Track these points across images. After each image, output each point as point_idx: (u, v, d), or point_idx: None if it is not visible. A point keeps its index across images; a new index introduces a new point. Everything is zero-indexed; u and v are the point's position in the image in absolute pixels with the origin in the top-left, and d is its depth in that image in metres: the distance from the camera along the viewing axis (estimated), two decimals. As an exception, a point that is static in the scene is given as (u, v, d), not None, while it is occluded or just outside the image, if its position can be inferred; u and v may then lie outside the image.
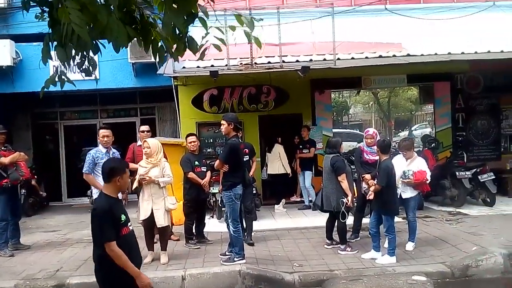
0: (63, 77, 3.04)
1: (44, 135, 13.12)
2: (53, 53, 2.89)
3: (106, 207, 3.53)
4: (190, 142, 7.35)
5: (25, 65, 10.29)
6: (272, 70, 8.71)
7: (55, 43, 2.78)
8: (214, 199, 9.03)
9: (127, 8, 2.75)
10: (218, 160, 6.34)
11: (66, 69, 3.02)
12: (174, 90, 10.34)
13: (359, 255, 6.65)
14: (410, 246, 6.82)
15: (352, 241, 7.29)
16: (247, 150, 7.60)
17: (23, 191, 10.32)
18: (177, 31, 2.86)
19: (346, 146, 15.24)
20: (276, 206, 9.94)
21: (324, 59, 9.36)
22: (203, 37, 3.20)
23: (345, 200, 6.63)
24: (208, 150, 10.75)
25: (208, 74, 8.46)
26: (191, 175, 7.10)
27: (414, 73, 11.01)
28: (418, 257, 6.48)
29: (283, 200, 10.08)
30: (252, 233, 7.54)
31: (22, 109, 12.18)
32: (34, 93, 10.90)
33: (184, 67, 9.00)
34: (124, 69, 10.64)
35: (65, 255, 6.98)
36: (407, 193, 6.77)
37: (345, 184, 6.66)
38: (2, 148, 7.20)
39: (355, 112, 38.30)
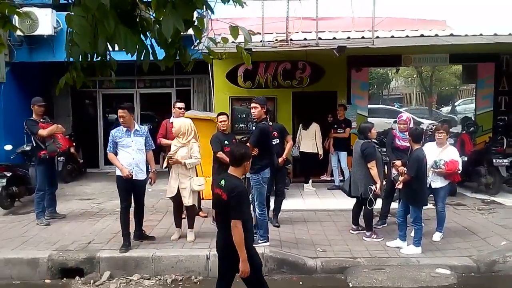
0: (78, 75, 3.04)
1: (83, 103, 13.47)
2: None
3: (245, 188, 4.03)
4: (221, 122, 7.30)
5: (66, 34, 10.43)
6: (307, 48, 8.53)
7: None
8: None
9: (122, 8, 2.70)
10: (248, 144, 6.38)
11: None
12: (209, 63, 10.32)
13: (384, 242, 6.63)
14: (437, 236, 6.74)
15: (379, 227, 7.27)
16: (275, 133, 7.53)
17: (61, 158, 10.74)
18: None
19: (383, 123, 15.06)
20: (305, 185, 9.93)
21: (363, 37, 9.10)
22: (194, 46, 3.16)
23: (373, 187, 6.56)
24: (241, 125, 10.77)
25: (242, 51, 8.34)
26: (220, 154, 7.11)
27: (457, 52, 10.50)
28: (444, 249, 6.40)
29: (310, 181, 10.05)
30: (279, 214, 7.62)
31: (62, 77, 12.48)
32: (73, 62, 11.13)
33: (219, 42, 8.92)
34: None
35: (98, 227, 7.27)
36: (437, 182, 6.62)
37: (374, 171, 6.57)
38: (41, 120, 7.41)
39: (396, 85, 37.30)
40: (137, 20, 2.90)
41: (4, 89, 10.39)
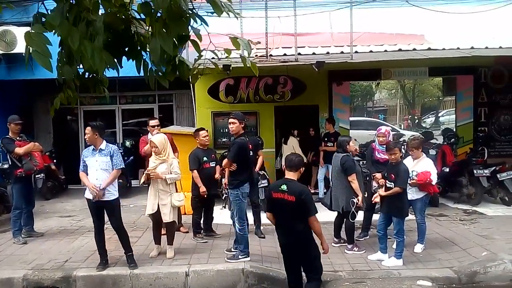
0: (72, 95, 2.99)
1: (64, 119, 13.29)
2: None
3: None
4: (205, 137, 7.29)
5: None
6: (287, 63, 8.59)
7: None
8: (226, 190, 9.03)
9: (116, 27, 2.68)
10: (226, 159, 6.37)
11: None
12: (190, 79, 10.32)
13: (366, 255, 6.60)
14: (418, 248, 6.73)
15: (361, 239, 7.26)
16: (251, 145, 7.50)
17: (41, 175, 10.59)
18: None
19: (366, 135, 15.10)
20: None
21: (342, 52, 9.20)
22: (195, 60, 3.15)
23: (355, 200, 6.54)
24: (223, 139, 10.74)
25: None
26: (194, 173, 7.10)
27: (436, 65, 10.72)
28: (425, 260, 6.38)
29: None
30: (262, 227, 7.60)
31: (42, 94, 12.41)
32: (53, 79, 11.05)
33: (224, 54, 8.95)
34: (142, 57, 10.61)
35: (76, 245, 7.12)
36: (413, 194, 6.62)
37: (355, 184, 6.56)
38: (18, 138, 7.30)
39: (380, 98, 37.68)
40: (135, 38, 2.86)
41: (-19, 107, 10.25)
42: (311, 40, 10.23)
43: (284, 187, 4.56)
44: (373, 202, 6.66)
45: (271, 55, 8.85)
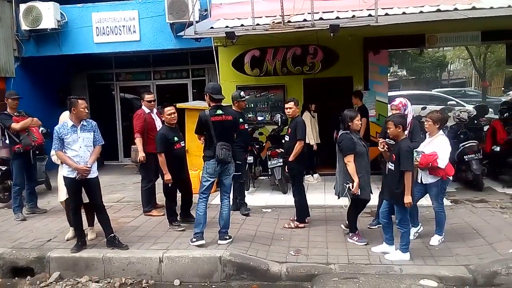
0: None
1: (100, 96, 13.23)
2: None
3: None
4: (169, 115, 6.45)
5: (71, 27, 10.36)
6: (302, 29, 7.75)
7: None
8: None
9: None
10: None
11: None
12: (214, 51, 9.81)
13: (371, 246, 5.81)
14: (435, 240, 5.82)
15: (373, 227, 6.48)
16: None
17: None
18: None
19: (419, 110, 13.64)
20: (306, 176, 8.96)
21: (370, 15, 8.14)
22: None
23: (349, 185, 5.72)
24: (249, 115, 10.12)
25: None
26: (161, 158, 6.30)
27: (490, 29, 9.32)
28: (439, 255, 5.48)
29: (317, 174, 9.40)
30: (248, 206, 7.47)
31: (78, 71, 12.56)
32: (90, 55, 11.07)
33: (212, 27, 8.42)
34: (164, 30, 10.23)
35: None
36: (427, 178, 5.68)
37: (351, 167, 5.67)
38: (15, 113, 7.27)
39: (456, 68, 34.69)
40: None
41: (14, 84, 10.45)
42: (344, 5, 9.21)
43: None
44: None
45: (289, 21, 8.04)
